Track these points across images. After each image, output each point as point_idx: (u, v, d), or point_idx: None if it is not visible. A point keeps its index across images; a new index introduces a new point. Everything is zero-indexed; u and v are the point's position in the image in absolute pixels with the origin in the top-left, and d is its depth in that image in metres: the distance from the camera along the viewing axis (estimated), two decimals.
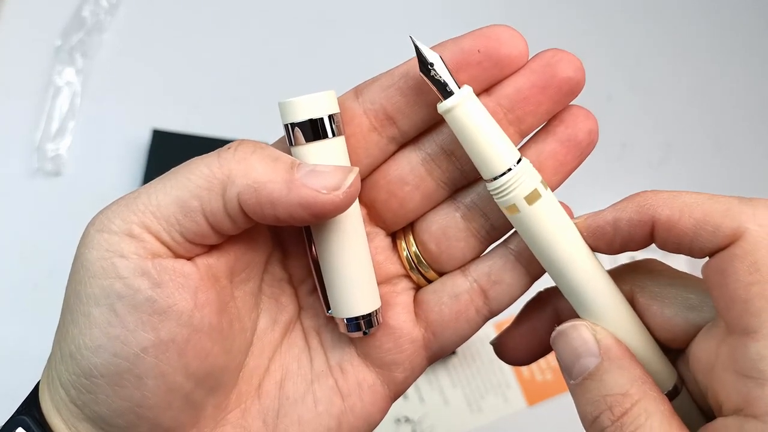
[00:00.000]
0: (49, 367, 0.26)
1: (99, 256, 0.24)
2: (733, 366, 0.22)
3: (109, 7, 0.73)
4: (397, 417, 0.62)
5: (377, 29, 0.73)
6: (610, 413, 0.22)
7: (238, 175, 0.24)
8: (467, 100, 0.24)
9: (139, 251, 0.24)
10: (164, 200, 0.24)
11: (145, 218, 0.24)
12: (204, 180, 0.24)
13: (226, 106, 0.71)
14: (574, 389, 0.24)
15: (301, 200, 0.24)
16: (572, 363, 0.24)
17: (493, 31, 0.27)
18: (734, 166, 0.69)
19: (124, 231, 0.24)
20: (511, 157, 0.25)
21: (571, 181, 0.70)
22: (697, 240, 0.23)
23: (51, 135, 0.69)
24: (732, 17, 0.74)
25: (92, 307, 0.24)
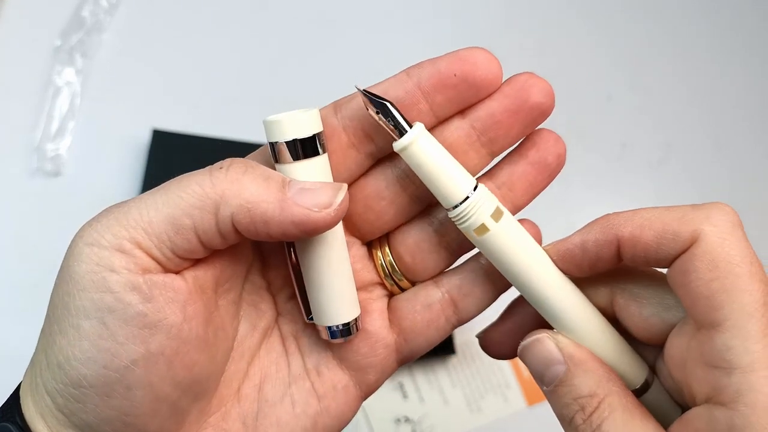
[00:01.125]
0: (33, 374, 0.26)
1: (89, 269, 0.24)
2: (702, 359, 0.23)
3: (109, 7, 0.73)
4: (397, 417, 0.63)
5: (377, 30, 0.73)
6: (582, 413, 0.24)
7: (231, 195, 0.25)
8: (419, 139, 0.25)
9: (129, 266, 0.24)
10: (156, 217, 0.25)
11: (137, 234, 0.25)
12: (196, 199, 0.25)
13: (226, 106, 0.71)
14: (548, 395, 0.26)
15: (293, 219, 0.24)
16: (542, 372, 0.26)
17: (470, 54, 0.28)
18: (734, 166, 0.69)
19: (114, 246, 0.24)
20: (466, 187, 0.26)
21: (571, 181, 0.70)
22: (661, 249, 0.24)
23: (51, 135, 0.69)
24: (732, 17, 0.74)
25: (82, 320, 0.24)
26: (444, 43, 0.74)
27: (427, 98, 0.27)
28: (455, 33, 0.73)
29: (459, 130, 0.27)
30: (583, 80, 0.72)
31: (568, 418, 0.25)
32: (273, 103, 0.71)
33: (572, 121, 0.71)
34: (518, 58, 0.73)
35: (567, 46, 0.73)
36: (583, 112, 0.71)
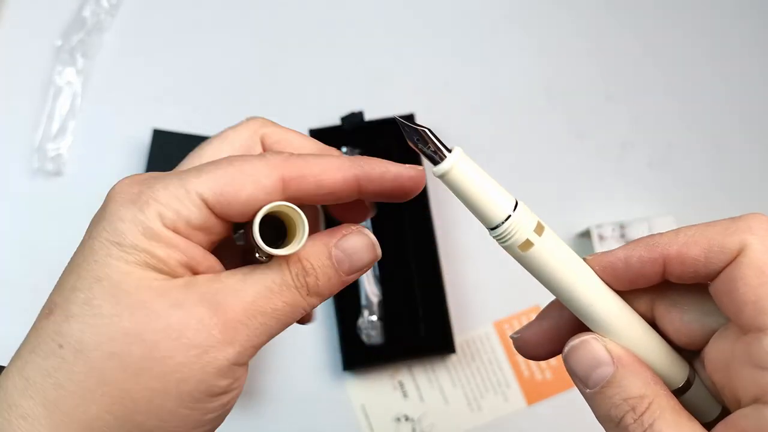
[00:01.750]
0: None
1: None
2: (748, 360, 0.24)
3: (110, 8, 0.73)
4: (397, 416, 0.63)
5: (377, 31, 0.74)
6: (632, 413, 0.25)
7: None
8: (458, 163, 0.26)
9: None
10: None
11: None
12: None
13: (227, 106, 0.71)
14: (593, 396, 0.26)
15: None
16: (588, 374, 0.26)
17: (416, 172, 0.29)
18: (734, 166, 0.69)
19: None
20: (507, 207, 0.26)
21: (571, 181, 0.70)
22: (710, 263, 0.25)
23: (51, 135, 0.69)
24: (732, 18, 0.74)
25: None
26: (444, 43, 0.74)
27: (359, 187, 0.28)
28: (455, 33, 0.73)
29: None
30: (583, 80, 0.72)
31: (616, 419, 0.25)
32: (273, 104, 0.71)
33: (572, 121, 0.71)
34: (518, 58, 0.73)
35: (567, 46, 0.73)
36: (582, 112, 0.71)
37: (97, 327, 0.25)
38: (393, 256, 0.65)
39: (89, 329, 0.25)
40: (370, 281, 0.63)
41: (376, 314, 0.63)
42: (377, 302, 0.63)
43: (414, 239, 0.65)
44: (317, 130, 0.67)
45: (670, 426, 0.24)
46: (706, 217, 0.73)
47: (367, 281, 0.63)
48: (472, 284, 0.65)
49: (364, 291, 0.63)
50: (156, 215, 0.26)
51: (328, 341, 0.64)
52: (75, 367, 0.25)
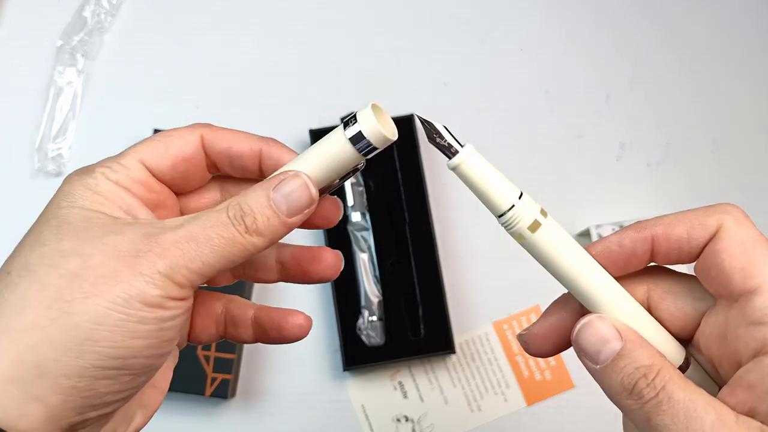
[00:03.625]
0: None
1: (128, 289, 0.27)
2: (744, 321, 0.27)
3: (110, 8, 0.73)
4: (397, 416, 0.63)
5: (377, 31, 0.74)
6: (645, 379, 0.27)
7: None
8: (469, 157, 0.29)
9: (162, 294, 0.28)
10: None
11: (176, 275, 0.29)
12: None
13: (227, 106, 0.71)
14: (603, 371, 0.28)
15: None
16: (599, 349, 0.28)
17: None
18: (734, 166, 0.69)
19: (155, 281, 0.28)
20: (511, 196, 0.29)
21: (571, 181, 0.70)
22: (692, 239, 0.29)
23: (52, 135, 0.69)
24: (732, 17, 0.74)
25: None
26: (444, 43, 0.74)
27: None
28: (455, 33, 0.73)
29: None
30: (583, 80, 0.72)
31: (629, 387, 0.27)
32: (273, 104, 0.71)
33: (571, 120, 0.71)
34: (518, 57, 0.73)
35: (567, 46, 0.73)
36: (582, 112, 0.71)
37: (41, 250, 0.28)
38: (393, 257, 0.65)
39: (34, 254, 0.28)
40: (370, 282, 0.63)
41: (376, 314, 0.63)
42: (377, 302, 0.63)
43: (414, 240, 0.65)
44: (317, 131, 0.67)
45: (681, 387, 0.26)
46: None
47: (367, 281, 0.63)
48: (472, 284, 0.65)
49: (364, 291, 0.63)
50: (100, 173, 0.31)
51: (328, 341, 0.64)
52: (19, 282, 0.27)
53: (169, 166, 0.32)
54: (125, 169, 0.31)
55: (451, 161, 0.29)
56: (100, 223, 0.28)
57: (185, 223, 0.29)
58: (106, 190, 0.30)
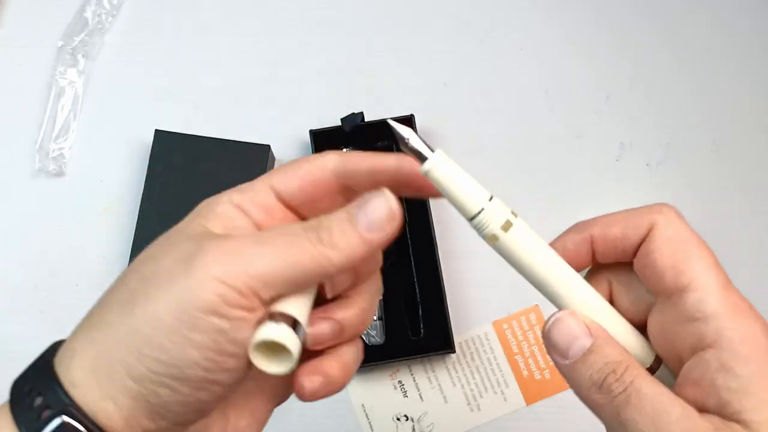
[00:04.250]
0: (98, 359, 0.27)
1: (212, 299, 0.27)
2: (678, 319, 0.28)
3: (111, 8, 0.74)
4: (397, 415, 0.63)
5: (377, 31, 0.74)
6: (613, 374, 0.27)
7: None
8: (439, 162, 0.29)
9: (243, 307, 0.27)
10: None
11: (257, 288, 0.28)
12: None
13: (228, 106, 0.71)
14: (573, 366, 0.28)
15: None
16: (569, 344, 0.29)
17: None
18: (734, 166, 0.70)
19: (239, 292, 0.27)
20: (482, 200, 0.29)
21: (570, 181, 0.70)
22: (626, 238, 0.30)
23: (53, 135, 0.70)
24: (732, 17, 0.74)
25: (196, 334, 0.27)
26: (444, 43, 0.74)
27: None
28: (455, 33, 0.74)
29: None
30: (583, 80, 0.72)
31: (599, 382, 0.27)
32: (274, 104, 0.71)
33: (571, 120, 0.71)
34: (518, 57, 0.73)
35: (567, 45, 0.73)
36: (582, 112, 0.71)
37: (140, 256, 0.29)
38: (393, 257, 0.65)
39: (136, 261, 0.29)
40: None
41: (376, 314, 0.63)
42: (377, 302, 0.63)
43: (414, 239, 0.65)
44: (317, 131, 0.67)
45: (648, 383, 0.27)
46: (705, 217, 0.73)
47: None
48: (472, 284, 0.65)
49: None
50: (227, 196, 0.30)
51: None
52: (114, 284, 0.28)
53: (297, 188, 0.30)
54: (252, 192, 0.30)
55: (422, 167, 0.29)
56: (191, 234, 0.28)
57: (260, 232, 0.28)
58: (222, 210, 0.29)
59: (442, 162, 0.29)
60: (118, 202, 0.68)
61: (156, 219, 0.64)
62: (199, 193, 0.69)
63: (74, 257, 0.66)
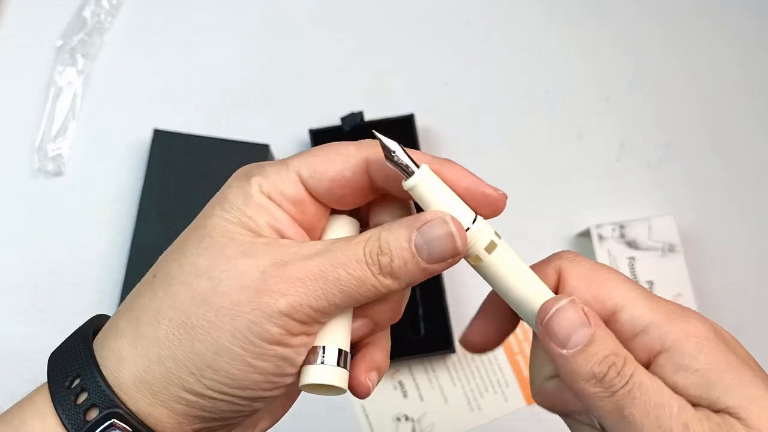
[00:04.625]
0: (152, 371, 0.28)
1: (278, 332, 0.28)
2: (625, 338, 0.28)
3: (110, 8, 0.73)
4: (397, 415, 0.63)
5: (377, 31, 0.74)
6: (615, 367, 0.27)
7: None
8: (426, 178, 0.28)
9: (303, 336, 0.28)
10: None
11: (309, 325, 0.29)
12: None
13: (227, 106, 0.71)
14: (573, 357, 0.28)
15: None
16: (569, 335, 0.28)
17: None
18: (734, 166, 0.69)
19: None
20: (467, 219, 0.29)
21: (571, 181, 0.70)
22: (548, 286, 0.30)
23: (52, 135, 0.69)
24: (732, 17, 0.74)
25: (259, 361, 0.28)
26: (444, 43, 0.74)
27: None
28: (455, 33, 0.73)
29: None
30: (583, 80, 0.72)
31: (600, 375, 0.27)
32: (273, 104, 0.71)
33: (572, 121, 0.71)
34: (518, 58, 0.73)
35: (567, 45, 0.73)
36: (582, 112, 0.71)
37: (181, 261, 0.28)
38: None
39: (175, 263, 0.28)
40: None
41: None
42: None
43: None
44: (317, 131, 0.67)
45: (648, 376, 0.27)
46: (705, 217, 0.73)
47: None
48: (472, 284, 0.65)
49: None
50: (256, 183, 0.29)
51: None
52: (158, 291, 0.28)
53: (326, 189, 0.29)
54: (281, 181, 0.29)
55: (408, 182, 0.28)
56: (239, 241, 0.28)
57: (319, 252, 0.28)
58: (259, 202, 0.29)
59: (428, 178, 0.28)
60: (117, 202, 0.67)
61: (155, 219, 0.64)
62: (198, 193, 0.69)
63: (73, 257, 0.66)
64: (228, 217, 0.28)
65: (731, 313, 0.64)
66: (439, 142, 0.69)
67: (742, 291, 0.66)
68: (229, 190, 0.29)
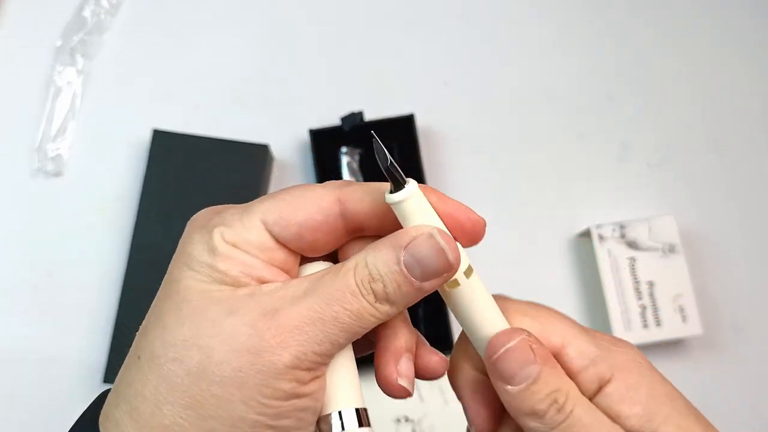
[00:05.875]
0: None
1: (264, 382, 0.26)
2: (573, 372, 0.29)
3: (110, 8, 0.73)
4: (397, 417, 0.63)
5: (377, 31, 0.74)
6: (556, 404, 0.27)
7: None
8: (416, 193, 0.27)
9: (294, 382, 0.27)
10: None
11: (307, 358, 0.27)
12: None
13: (226, 106, 0.71)
14: (516, 394, 0.28)
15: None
16: (515, 372, 0.28)
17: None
18: (734, 166, 0.69)
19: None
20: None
21: (571, 181, 0.70)
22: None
23: (51, 135, 0.69)
24: (732, 17, 0.74)
25: (256, 415, 0.27)
26: (444, 43, 0.74)
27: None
28: (455, 33, 0.73)
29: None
30: (583, 80, 0.72)
31: (542, 412, 0.27)
32: (273, 104, 0.71)
33: (572, 120, 0.71)
34: (518, 58, 0.73)
35: (567, 45, 0.73)
36: (583, 112, 0.71)
37: (163, 336, 0.26)
38: None
39: (157, 340, 0.26)
40: None
41: None
42: None
43: None
44: (317, 131, 0.67)
45: (586, 409, 0.27)
46: (705, 217, 0.72)
47: None
48: None
49: None
50: (218, 233, 0.27)
51: None
52: (149, 375, 0.26)
53: (295, 234, 0.28)
54: (244, 229, 0.27)
55: (395, 195, 0.27)
56: (219, 299, 0.26)
57: (308, 292, 0.26)
58: (225, 252, 0.27)
59: (417, 194, 0.27)
60: (117, 202, 0.67)
61: (155, 219, 0.64)
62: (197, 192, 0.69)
63: (73, 257, 0.66)
64: (200, 277, 0.27)
65: (731, 313, 0.64)
66: (439, 142, 0.69)
67: (742, 291, 0.66)
68: (192, 247, 0.27)
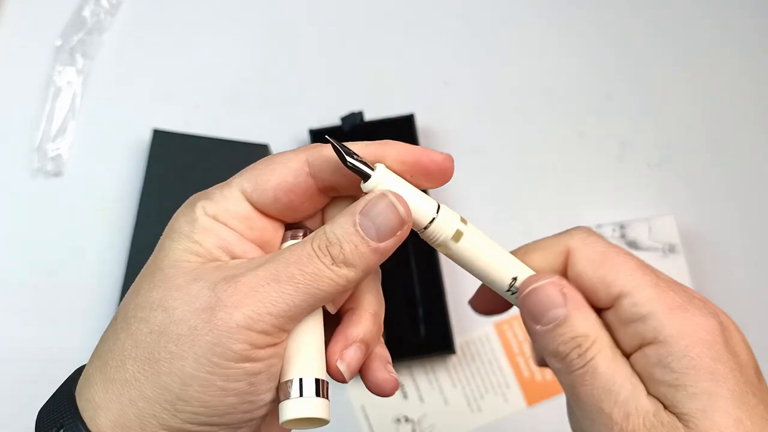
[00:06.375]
0: (126, 409, 0.27)
1: (241, 347, 0.27)
2: (621, 324, 0.29)
3: (110, 8, 0.73)
4: (397, 417, 0.63)
5: (377, 31, 0.74)
6: (579, 349, 0.28)
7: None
8: (384, 177, 0.28)
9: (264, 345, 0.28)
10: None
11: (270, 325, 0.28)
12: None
13: (226, 106, 0.71)
14: (543, 333, 0.29)
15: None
16: (542, 313, 0.29)
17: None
18: (734, 166, 0.69)
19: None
20: (430, 210, 0.29)
21: (571, 181, 0.70)
22: (550, 266, 0.31)
23: (51, 135, 0.69)
24: (732, 17, 0.74)
25: (231, 383, 0.27)
26: (444, 43, 0.74)
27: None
28: (455, 33, 0.73)
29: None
30: (583, 80, 0.72)
31: (563, 354, 0.28)
32: (272, 104, 0.71)
33: (572, 120, 0.71)
34: (518, 58, 0.73)
35: (568, 45, 0.73)
36: (583, 112, 0.71)
37: (136, 300, 0.28)
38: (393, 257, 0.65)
39: (131, 303, 0.28)
40: None
41: None
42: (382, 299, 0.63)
43: (414, 239, 0.65)
44: (317, 130, 0.67)
45: (608, 360, 0.28)
46: (705, 217, 0.72)
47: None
48: (472, 284, 0.65)
49: None
50: (200, 207, 0.29)
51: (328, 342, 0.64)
52: (120, 333, 0.28)
53: (271, 199, 0.29)
54: (225, 200, 0.29)
55: (366, 184, 0.28)
56: (188, 269, 0.28)
57: (268, 260, 0.27)
58: (204, 225, 0.29)
59: (385, 177, 0.28)
60: (117, 202, 0.67)
61: (155, 219, 0.64)
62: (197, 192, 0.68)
63: (73, 257, 0.66)
64: (176, 246, 0.28)
65: (731, 313, 0.64)
66: (439, 142, 0.69)
67: (742, 291, 0.65)
68: (176, 221, 0.29)
